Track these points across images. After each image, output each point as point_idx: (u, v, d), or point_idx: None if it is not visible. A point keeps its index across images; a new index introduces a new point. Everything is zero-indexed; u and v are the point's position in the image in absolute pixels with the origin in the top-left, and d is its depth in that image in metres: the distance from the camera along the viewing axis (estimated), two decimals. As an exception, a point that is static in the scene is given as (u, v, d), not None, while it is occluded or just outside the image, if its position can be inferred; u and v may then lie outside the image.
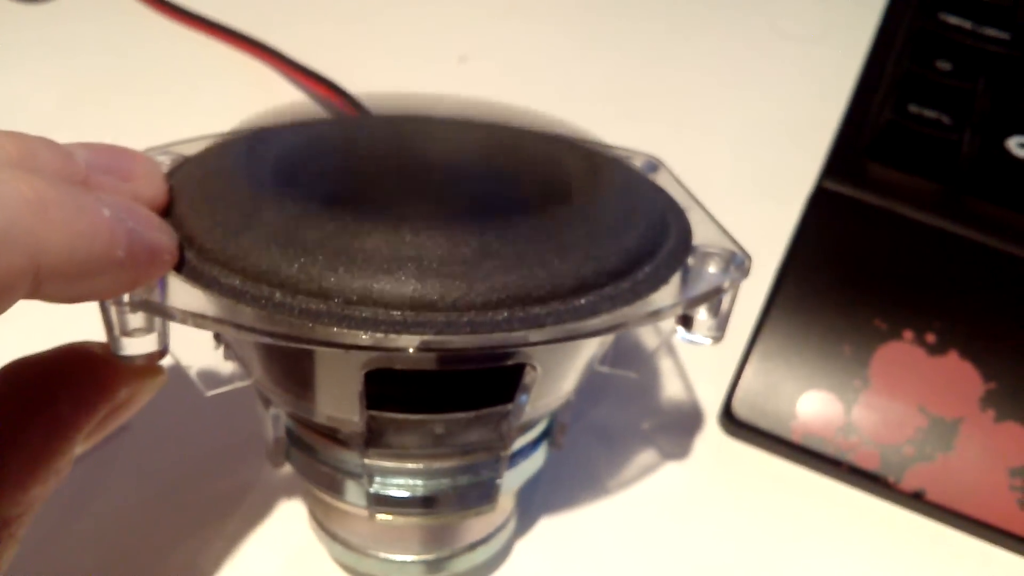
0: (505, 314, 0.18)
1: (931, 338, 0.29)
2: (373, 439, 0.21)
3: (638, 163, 0.27)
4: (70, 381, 0.19)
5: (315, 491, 0.24)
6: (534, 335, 0.18)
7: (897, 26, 0.38)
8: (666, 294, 0.20)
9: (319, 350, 0.19)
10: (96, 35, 0.42)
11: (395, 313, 0.17)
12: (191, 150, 0.23)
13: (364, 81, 0.38)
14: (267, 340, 0.18)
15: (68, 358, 0.20)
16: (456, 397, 0.21)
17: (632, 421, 0.29)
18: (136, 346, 0.19)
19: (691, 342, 0.21)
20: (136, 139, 0.23)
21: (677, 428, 0.29)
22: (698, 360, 0.31)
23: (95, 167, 0.18)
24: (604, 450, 0.28)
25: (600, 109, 0.39)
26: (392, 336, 0.17)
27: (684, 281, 0.20)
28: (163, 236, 0.18)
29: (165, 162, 0.22)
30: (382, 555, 0.23)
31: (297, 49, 0.40)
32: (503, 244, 0.18)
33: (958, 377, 0.28)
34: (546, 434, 0.24)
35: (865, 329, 0.29)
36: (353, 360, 0.19)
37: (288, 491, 0.27)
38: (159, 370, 0.21)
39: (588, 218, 0.20)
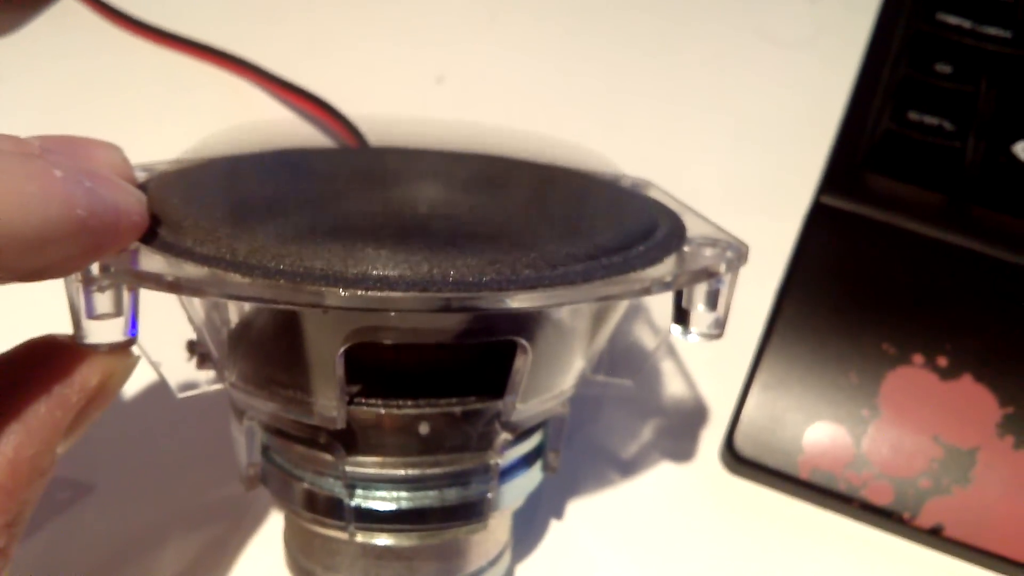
0: (494, 274, 0.17)
1: (943, 361, 0.27)
2: (354, 440, 0.20)
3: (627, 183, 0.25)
4: (42, 378, 0.18)
5: (294, 521, 0.22)
6: (523, 298, 0.17)
7: (893, 28, 0.36)
8: (660, 270, 0.19)
9: (297, 327, 0.19)
10: (70, 59, 0.40)
11: (381, 272, 0.16)
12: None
13: (332, 89, 0.37)
14: (251, 301, 0.18)
15: (34, 353, 0.18)
16: (442, 386, 0.20)
17: (630, 457, 0.28)
18: (103, 333, 0.18)
19: (689, 340, 0.20)
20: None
21: (676, 466, 0.27)
22: (700, 388, 0.29)
23: (50, 151, 0.17)
24: (601, 490, 0.27)
25: (585, 125, 0.37)
26: (380, 295, 0.16)
27: (679, 263, 0.19)
28: (128, 196, 0.17)
29: (140, 176, 0.21)
30: None
31: (266, 48, 0.39)
32: (495, 217, 0.19)
33: (973, 402, 0.26)
34: (538, 453, 0.23)
35: (873, 354, 0.27)
36: (334, 334, 0.18)
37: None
38: (128, 353, 0.19)
39: (581, 204, 0.21)
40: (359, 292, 0.16)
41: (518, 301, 0.17)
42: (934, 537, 0.25)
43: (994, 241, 0.29)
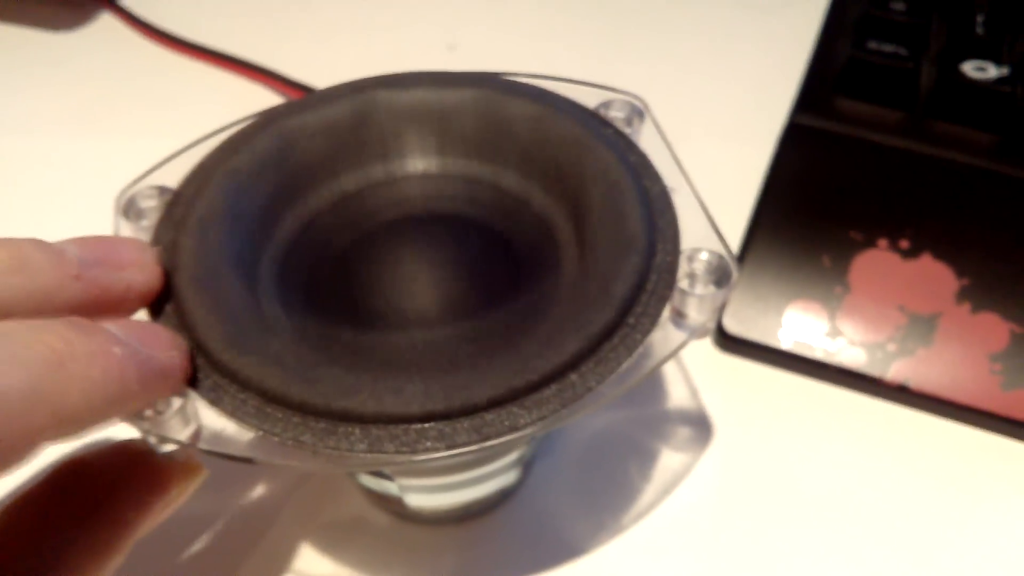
0: (510, 416, 0.18)
1: (905, 244, 0.31)
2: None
3: (622, 112, 0.27)
4: (131, 485, 0.20)
5: None
6: (541, 426, 0.19)
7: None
8: (658, 336, 0.20)
9: None
10: (108, 63, 0.44)
11: (410, 428, 0.18)
12: (170, 177, 0.24)
13: (354, 75, 0.40)
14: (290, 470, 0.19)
15: (123, 459, 0.20)
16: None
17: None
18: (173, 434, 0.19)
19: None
20: (137, 156, 0.25)
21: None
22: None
23: (86, 262, 0.19)
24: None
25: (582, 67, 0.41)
26: (405, 456, 0.18)
27: (674, 300, 0.21)
28: (174, 354, 0.19)
29: (152, 206, 0.23)
30: None
31: (283, 45, 0.42)
32: (496, 342, 0.21)
33: (933, 277, 0.30)
34: None
35: (842, 241, 0.31)
36: None
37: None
38: (200, 467, 0.22)
39: (579, 280, 0.22)
40: (382, 456, 0.18)
41: (539, 430, 0.19)
42: (901, 393, 0.29)
43: (946, 146, 0.33)
